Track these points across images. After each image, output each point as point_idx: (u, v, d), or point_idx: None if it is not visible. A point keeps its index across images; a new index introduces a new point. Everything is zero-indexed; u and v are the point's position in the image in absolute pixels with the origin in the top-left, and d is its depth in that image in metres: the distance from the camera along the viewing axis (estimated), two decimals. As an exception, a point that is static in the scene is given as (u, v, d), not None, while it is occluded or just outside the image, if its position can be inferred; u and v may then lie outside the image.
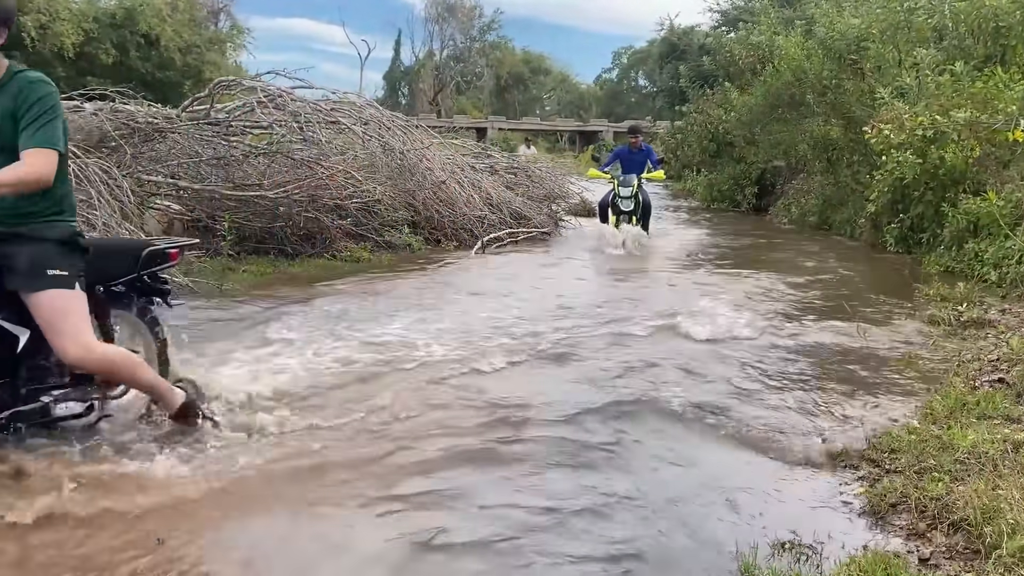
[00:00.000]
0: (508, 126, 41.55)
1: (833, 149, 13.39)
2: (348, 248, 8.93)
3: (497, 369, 4.85)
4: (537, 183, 13.45)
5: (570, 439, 3.77)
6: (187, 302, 5.45)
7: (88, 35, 26.60)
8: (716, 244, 11.99)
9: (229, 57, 34.53)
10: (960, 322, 6.05)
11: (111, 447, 3.33)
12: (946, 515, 2.94)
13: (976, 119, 8.80)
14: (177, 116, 9.13)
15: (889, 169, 9.62)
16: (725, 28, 27.12)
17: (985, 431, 3.62)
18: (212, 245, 8.23)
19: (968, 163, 8.96)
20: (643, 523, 3.00)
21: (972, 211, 8.31)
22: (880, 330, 6.07)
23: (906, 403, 4.33)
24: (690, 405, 4.29)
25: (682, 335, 5.84)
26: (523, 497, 3.17)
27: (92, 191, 6.47)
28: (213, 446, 3.44)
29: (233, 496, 3.09)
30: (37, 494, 2.90)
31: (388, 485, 3.24)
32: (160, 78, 29.15)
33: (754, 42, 18.12)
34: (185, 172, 8.86)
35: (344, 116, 9.74)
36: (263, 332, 5.44)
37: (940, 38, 11.62)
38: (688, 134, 22.35)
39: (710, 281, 8.39)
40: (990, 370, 4.74)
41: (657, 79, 40.09)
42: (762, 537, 2.88)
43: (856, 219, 11.90)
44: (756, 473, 3.50)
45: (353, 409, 4.00)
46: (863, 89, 12.19)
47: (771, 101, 15.37)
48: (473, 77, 60.35)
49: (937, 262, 8.66)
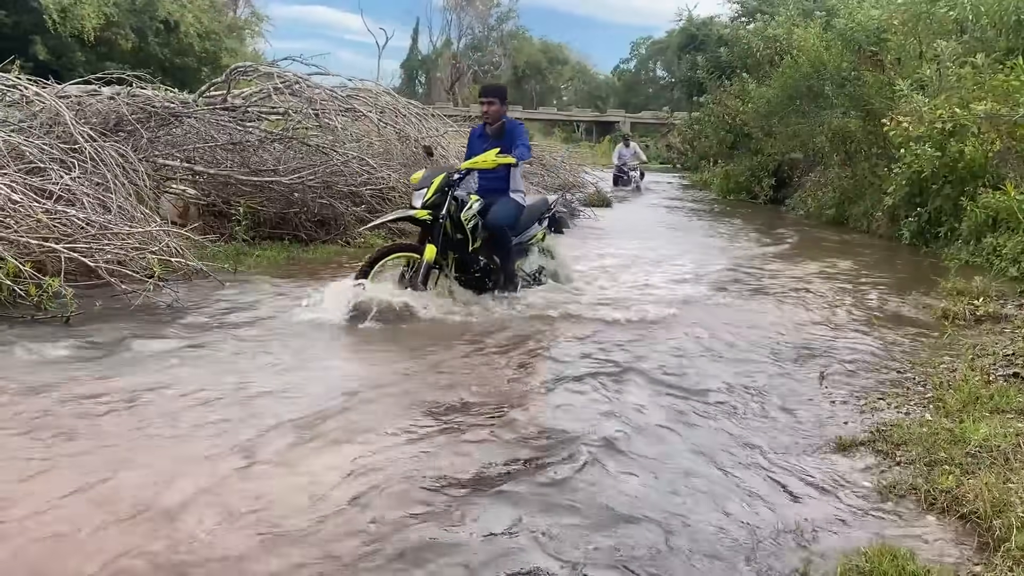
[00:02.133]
0: (525, 115, 41.40)
1: (851, 142, 13.28)
2: (362, 235, 8.95)
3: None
4: (552, 172, 13.44)
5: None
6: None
7: (109, 20, 26.75)
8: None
9: (247, 44, 34.66)
10: (976, 316, 6.00)
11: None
12: (956, 508, 2.92)
13: (997, 112, 8.70)
14: (194, 101, 9.17)
15: (907, 162, 9.54)
16: (744, 19, 26.92)
17: (998, 425, 3.59)
18: (227, 230, 8.28)
19: (988, 157, 8.87)
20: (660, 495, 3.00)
21: (991, 205, 8.22)
22: (895, 322, 6.03)
23: (919, 396, 4.30)
24: (692, 387, 4.28)
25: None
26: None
27: (108, 174, 6.50)
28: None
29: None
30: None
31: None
32: (178, 64, 29.30)
33: (772, 34, 18.00)
34: (201, 157, 8.89)
35: (360, 103, 9.75)
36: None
37: (961, 30, 11.48)
38: (705, 125, 22.29)
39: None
40: (1005, 364, 4.69)
41: (675, 70, 39.91)
42: (771, 523, 2.88)
43: (873, 212, 11.82)
44: (765, 459, 3.48)
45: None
46: (882, 81, 12.08)
47: (789, 93, 15.28)
48: (490, 66, 60.21)
49: (955, 256, 8.59)
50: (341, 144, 9.20)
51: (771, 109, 16.46)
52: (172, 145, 8.81)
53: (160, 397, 3.87)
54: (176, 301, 5.74)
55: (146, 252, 6.00)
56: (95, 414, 3.62)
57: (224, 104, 9.21)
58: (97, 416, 3.60)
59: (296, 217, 8.81)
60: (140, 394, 3.88)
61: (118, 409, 3.69)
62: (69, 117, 6.96)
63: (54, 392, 3.84)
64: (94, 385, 3.99)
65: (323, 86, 9.70)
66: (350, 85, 10.42)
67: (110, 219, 6.02)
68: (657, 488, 3.16)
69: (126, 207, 6.38)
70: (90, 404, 3.73)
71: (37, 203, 5.71)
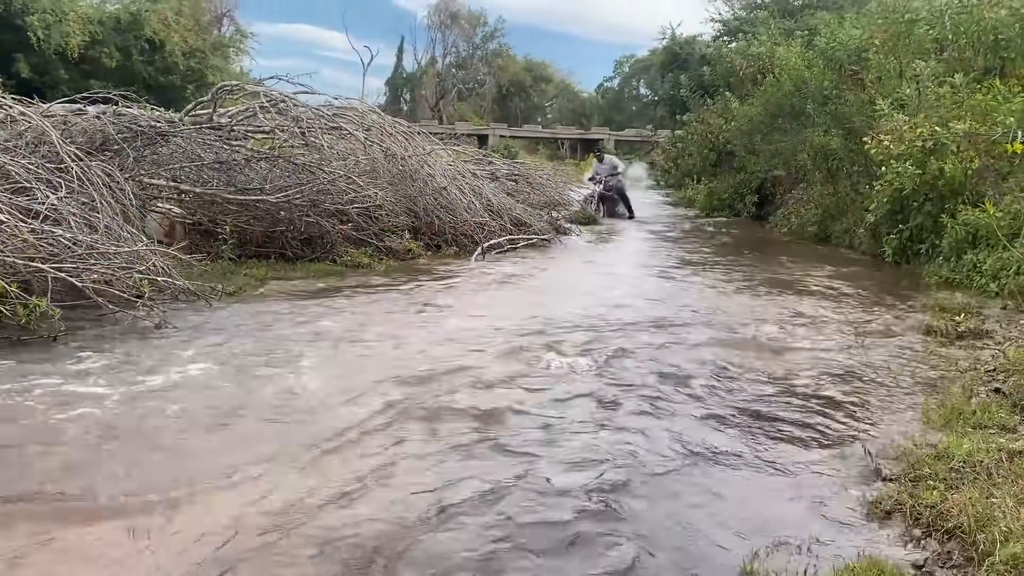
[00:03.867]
0: (510, 133, 41.55)
1: (833, 159, 13.40)
2: (349, 253, 8.95)
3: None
4: (538, 190, 13.50)
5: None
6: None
7: (93, 38, 26.69)
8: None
9: (232, 62, 34.63)
10: (958, 332, 6.07)
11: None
12: (940, 523, 2.96)
13: (975, 131, 8.84)
14: (180, 120, 9.16)
15: (888, 180, 9.64)
16: (726, 38, 27.18)
17: (980, 440, 3.64)
18: (213, 248, 8.27)
19: (967, 174, 8.99)
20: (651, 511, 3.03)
21: (971, 222, 8.33)
22: (878, 339, 6.09)
23: (903, 412, 4.35)
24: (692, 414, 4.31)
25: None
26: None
27: (94, 193, 6.49)
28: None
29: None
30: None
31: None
32: (163, 82, 29.22)
33: (754, 52, 18.19)
34: (187, 176, 8.89)
35: (346, 122, 9.78)
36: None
37: (941, 50, 11.65)
38: (689, 143, 22.42)
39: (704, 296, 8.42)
40: (987, 380, 4.76)
41: (658, 88, 40.15)
42: (759, 540, 2.91)
43: (855, 229, 11.92)
44: (752, 477, 3.51)
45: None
46: (863, 100, 12.22)
47: (771, 111, 15.41)
48: (475, 84, 60.45)
49: (936, 273, 8.68)
50: (327, 163, 9.22)
51: (753, 127, 16.59)
52: (158, 164, 8.81)
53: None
54: (163, 322, 5.73)
55: (133, 272, 6.00)
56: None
57: (210, 123, 9.21)
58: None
59: (283, 235, 8.82)
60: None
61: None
62: (56, 136, 6.95)
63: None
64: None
65: (309, 105, 9.72)
66: (336, 103, 10.43)
67: (97, 239, 6.01)
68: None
69: (113, 227, 6.37)
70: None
71: (23, 223, 5.69)
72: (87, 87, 10.24)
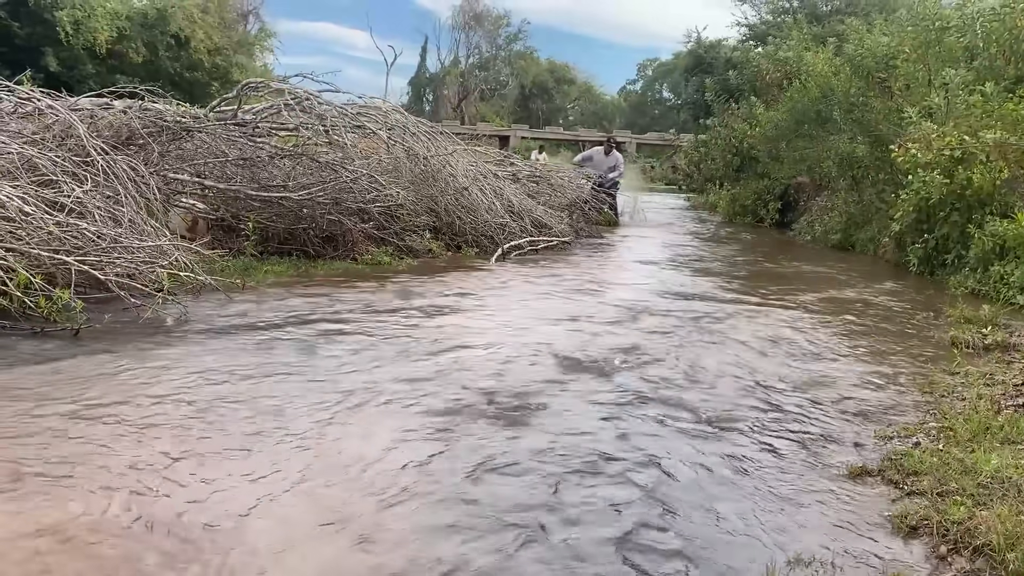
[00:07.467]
0: (531, 135, 41.59)
1: (858, 167, 13.29)
2: (369, 251, 8.96)
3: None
4: (559, 192, 13.47)
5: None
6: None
7: (120, 33, 26.97)
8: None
9: (257, 59, 34.87)
10: (984, 345, 5.98)
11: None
12: (968, 540, 2.89)
13: (1005, 140, 8.73)
14: (205, 116, 9.21)
15: (915, 188, 9.54)
16: (753, 43, 27.05)
17: (1009, 456, 3.57)
18: (235, 244, 8.30)
19: (996, 184, 8.87)
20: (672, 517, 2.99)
21: (999, 233, 8.22)
22: (903, 350, 6.01)
23: (928, 425, 4.28)
24: (703, 418, 4.27)
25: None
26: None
27: (119, 187, 6.53)
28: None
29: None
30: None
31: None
32: (188, 78, 29.49)
33: (781, 57, 18.08)
34: (211, 172, 8.93)
35: (370, 120, 9.80)
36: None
37: (971, 58, 11.53)
38: (712, 148, 22.34)
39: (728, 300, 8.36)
40: (1014, 394, 4.67)
41: (682, 92, 40.05)
42: (781, 553, 2.86)
43: (879, 238, 11.81)
44: (776, 488, 3.46)
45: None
46: (891, 107, 12.12)
47: (797, 117, 15.33)
48: (497, 85, 60.56)
49: (962, 284, 8.57)
50: (350, 161, 9.24)
51: (779, 133, 16.50)
52: (182, 159, 8.85)
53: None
54: (183, 315, 5.75)
55: (156, 266, 6.02)
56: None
57: (235, 119, 9.25)
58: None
59: (304, 233, 8.84)
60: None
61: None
62: (82, 130, 6.99)
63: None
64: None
65: (333, 103, 9.75)
66: (360, 102, 10.46)
67: (121, 232, 6.04)
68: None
69: (136, 221, 6.40)
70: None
71: (49, 215, 5.73)
72: (114, 82, 10.31)
